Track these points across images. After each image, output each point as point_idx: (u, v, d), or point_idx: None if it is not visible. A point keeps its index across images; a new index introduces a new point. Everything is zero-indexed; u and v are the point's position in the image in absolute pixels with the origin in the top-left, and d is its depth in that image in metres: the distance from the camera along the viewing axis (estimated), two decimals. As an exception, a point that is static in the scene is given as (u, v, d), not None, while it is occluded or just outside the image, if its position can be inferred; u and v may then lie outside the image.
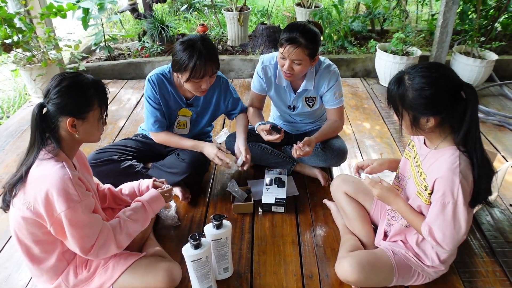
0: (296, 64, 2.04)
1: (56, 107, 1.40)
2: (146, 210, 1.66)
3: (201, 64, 1.91)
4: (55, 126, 1.42)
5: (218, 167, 2.64)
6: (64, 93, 1.40)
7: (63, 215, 1.35)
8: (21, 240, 1.46)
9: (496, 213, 2.21)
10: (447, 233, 1.42)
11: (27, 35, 3.26)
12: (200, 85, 2.02)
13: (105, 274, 1.56)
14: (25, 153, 1.46)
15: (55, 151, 1.43)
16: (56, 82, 1.42)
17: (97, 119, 1.50)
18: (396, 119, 1.51)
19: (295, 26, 2.02)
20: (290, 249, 1.98)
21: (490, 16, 4.12)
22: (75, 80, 1.43)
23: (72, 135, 1.45)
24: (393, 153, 2.83)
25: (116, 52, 4.46)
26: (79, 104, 1.42)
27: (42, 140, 1.41)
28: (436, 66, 1.41)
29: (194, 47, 1.92)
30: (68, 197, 1.35)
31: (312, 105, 2.35)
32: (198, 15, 5.90)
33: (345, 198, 1.97)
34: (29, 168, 1.40)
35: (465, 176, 1.39)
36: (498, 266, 1.88)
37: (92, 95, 1.45)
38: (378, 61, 3.96)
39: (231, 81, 4.14)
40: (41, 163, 1.39)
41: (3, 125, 3.30)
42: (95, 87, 1.47)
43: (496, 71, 3.88)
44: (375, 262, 1.64)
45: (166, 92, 2.20)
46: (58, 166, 1.38)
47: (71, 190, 1.36)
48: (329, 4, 5.24)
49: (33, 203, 1.37)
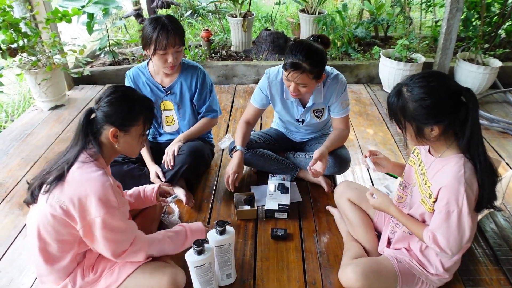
0: (302, 87, 2.03)
1: (103, 114, 1.47)
2: (186, 238, 1.72)
3: (163, 34, 2.05)
4: (98, 132, 1.49)
5: (221, 172, 2.64)
6: (114, 103, 1.47)
7: (100, 219, 1.40)
8: (42, 236, 1.46)
9: (500, 220, 2.20)
10: (451, 240, 1.42)
11: (32, 40, 3.28)
12: (166, 59, 2.13)
13: (111, 277, 1.57)
14: (65, 151, 1.51)
15: (96, 156, 1.49)
16: (109, 91, 1.50)
17: (139, 134, 1.56)
18: (400, 131, 1.51)
19: (299, 49, 1.95)
20: (293, 255, 1.97)
21: (494, 23, 4.12)
22: (127, 94, 1.52)
23: (112, 144, 1.51)
24: (396, 159, 2.82)
25: (120, 57, 4.48)
26: (125, 116, 1.49)
27: (85, 142, 1.47)
28: (433, 75, 1.42)
29: (158, 20, 2.08)
30: (107, 204, 1.41)
31: (321, 116, 2.34)
32: (202, 21, 5.93)
33: (349, 205, 1.96)
34: (69, 168, 1.43)
35: (470, 185, 1.39)
36: (502, 274, 1.86)
37: (139, 111, 1.52)
38: (381, 67, 3.96)
39: (234, 86, 4.16)
40: (83, 166, 1.45)
41: (8, 129, 3.31)
42: (144, 104, 1.55)
43: (500, 78, 3.87)
44: (379, 270, 1.64)
45: (142, 84, 2.34)
46: (100, 172, 1.45)
47: (111, 197, 1.42)
48: (333, 10, 5.26)
49: (67, 203, 1.40)
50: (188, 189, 2.39)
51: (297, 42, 2.02)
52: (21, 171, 2.70)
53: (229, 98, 3.86)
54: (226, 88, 4.12)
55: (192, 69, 2.34)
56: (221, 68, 4.21)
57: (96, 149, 1.48)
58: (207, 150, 2.48)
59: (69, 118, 3.45)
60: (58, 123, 3.37)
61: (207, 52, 4.50)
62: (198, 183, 2.52)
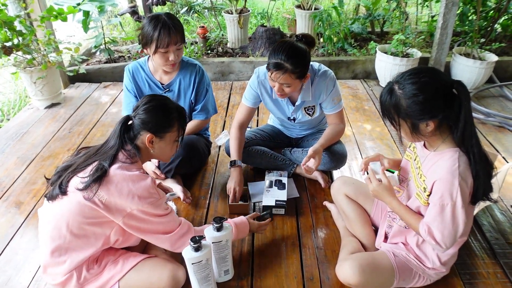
0: (286, 86, 2.02)
1: (140, 121, 1.57)
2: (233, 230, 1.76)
3: (165, 32, 2.05)
4: (135, 138, 1.59)
5: (219, 168, 2.64)
6: (152, 111, 1.58)
7: (146, 206, 1.50)
8: (69, 230, 1.49)
9: (497, 214, 2.21)
10: (445, 233, 1.42)
11: (27, 38, 3.26)
12: (168, 57, 2.13)
13: (114, 268, 1.60)
14: (99, 147, 1.60)
15: (135, 158, 1.59)
16: (146, 100, 1.61)
17: (173, 140, 1.67)
18: (394, 129, 1.51)
19: (281, 49, 1.93)
20: (290, 251, 1.98)
21: (490, 17, 4.12)
22: (163, 103, 1.63)
23: (148, 149, 1.62)
24: (393, 154, 2.83)
25: (116, 55, 4.46)
26: (161, 123, 1.60)
27: (122, 143, 1.56)
28: (423, 71, 1.42)
29: (159, 18, 2.07)
30: (150, 195, 1.52)
31: (312, 113, 2.33)
32: (198, 17, 5.90)
33: (346, 200, 1.97)
34: (110, 166, 1.50)
35: (464, 178, 1.39)
36: (499, 268, 1.87)
37: (174, 119, 1.63)
38: (378, 62, 3.96)
39: (231, 83, 4.15)
40: (123, 166, 1.53)
41: (3, 128, 3.30)
42: (179, 112, 1.66)
43: (496, 72, 3.88)
44: (376, 264, 1.64)
45: (141, 80, 2.34)
46: (140, 171, 1.57)
47: (153, 190, 1.54)
48: (329, 6, 5.24)
49: (107, 197, 1.47)
50: (186, 184, 2.40)
51: (280, 42, 1.98)
52: (18, 170, 2.70)
53: (226, 95, 3.86)
54: (223, 85, 4.11)
55: (191, 67, 2.35)
56: (217, 65, 4.20)
57: (136, 152, 1.58)
58: (202, 143, 2.49)
59: (65, 117, 3.44)
60: (54, 122, 3.36)
61: (203, 49, 4.49)
62: (196, 178, 2.52)
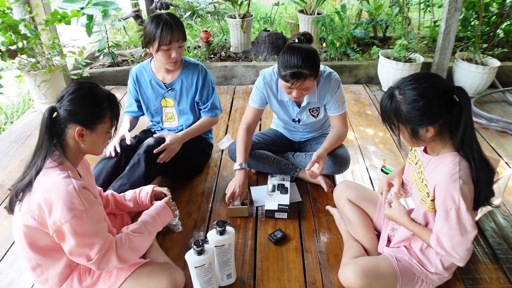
0: (305, 90, 2.04)
1: (67, 113, 1.40)
2: (153, 223, 1.64)
3: (167, 30, 2.11)
4: (62, 132, 1.42)
5: (221, 172, 2.65)
6: (79, 101, 1.41)
7: (68, 225, 1.33)
8: (26, 246, 1.43)
9: (499, 219, 2.20)
10: (455, 241, 1.41)
11: (31, 42, 3.28)
12: (170, 54, 2.19)
13: (109, 280, 1.55)
14: (32, 155, 1.45)
15: (60, 159, 1.43)
16: (72, 89, 1.42)
17: (105, 132, 1.50)
18: (393, 134, 1.52)
19: (293, 59, 1.91)
20: (293, 255, 1.97)
21: (492, 22, 4.13)
22: (92, 91, 1.45)
23: (78, 144, 1.45)
24: (396, 159, 2.83)
25: (119, 59, 4.48)
26: (91, 114, 1.43)
27: (50, 145, 1.40)
28: (424, 76, 1.42)
29: (160, 17, 2.14)
30: (73, 207, 1.34)
31: (317, 115, 2.34)
32: (201, 22, 5.93)
33: (348, 205, 1.97)
34: (36, 174, 1.39)
35: (466, 182, 1.39)
36: (502, 273, 1.87)
37: (106, 108, 1.46)
38: (380, 67, 3.97)
39: (233, 87, 4.16)
40: (47, 171, 1.39)
41: (7, 131, 3.31)
42: (110, 101, 1.49)
43: (498, 77, 3.88)
44: (379, 269, 1.64)
45: (144, 81, 2.42)
46: (63, 175, 1.38)
47: (76, 200, 1.35)
48: (331, 11, 5.27)
49: (37, 212, 1.36)
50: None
51: (289, 49, 1.95)
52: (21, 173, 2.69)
53: (229, 99, 3.87)
54: (226, 89, 4.12)
55: (193, 67, 2.38)
56: (220, 69, 4.21)
57: (59, 152, 1.42)
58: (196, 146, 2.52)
59: (69, 120, 3.44)
60: (58, 125, 3.36)
61: (206, 53, 4.50)
62: (198, 182, 2.52)
